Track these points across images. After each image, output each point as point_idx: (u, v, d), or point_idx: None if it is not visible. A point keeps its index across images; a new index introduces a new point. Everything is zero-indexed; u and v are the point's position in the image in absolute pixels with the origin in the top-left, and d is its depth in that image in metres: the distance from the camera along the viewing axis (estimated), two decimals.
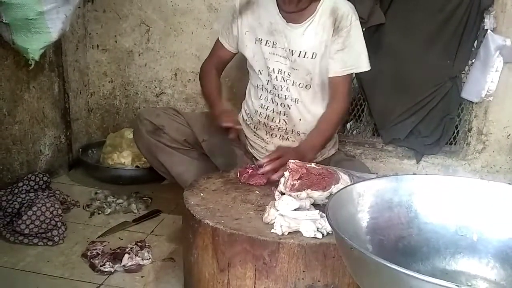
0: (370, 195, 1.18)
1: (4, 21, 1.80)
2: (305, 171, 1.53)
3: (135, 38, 2.77)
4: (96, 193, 2.39)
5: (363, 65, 1.94)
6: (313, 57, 1.90)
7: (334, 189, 1.49)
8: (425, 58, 2.44)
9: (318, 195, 1.50)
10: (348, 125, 2.79)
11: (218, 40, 2.10)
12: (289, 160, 1.58)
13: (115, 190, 2.41)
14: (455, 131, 2.63)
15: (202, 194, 1.56)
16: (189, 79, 2.77)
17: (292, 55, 1.92)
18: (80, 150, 2.73)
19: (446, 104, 2.49)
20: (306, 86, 1.95)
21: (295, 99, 1.97)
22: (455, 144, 2.66)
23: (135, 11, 2.73)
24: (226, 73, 2.26)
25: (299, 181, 1.51)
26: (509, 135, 2.50)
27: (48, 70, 2.50)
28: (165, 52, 2.76)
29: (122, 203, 2.28)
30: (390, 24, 2.42)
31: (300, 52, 1.91)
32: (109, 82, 2.88)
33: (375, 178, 1.26)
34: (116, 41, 2.81)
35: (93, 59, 2.85)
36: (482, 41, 2.38)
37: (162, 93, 2.84)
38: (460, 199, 1.21)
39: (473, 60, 2.43)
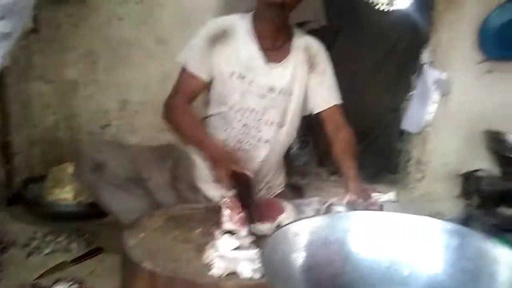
0: (306, 234, 1.20)
1: None
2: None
3: (80, 69, 2.75)
4: (35, 232, 2.30)
5: (339, 97, 1.99)
6: (290, 95, 1.91)
7: (280, 219, 1.52)
8: (367, 90, 2.54)
9: (267, 227, 1.52)
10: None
11: (185, 71, 1.90)
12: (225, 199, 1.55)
13: (56, 228, 2.32)
14: (397, 161, 2.72)
15: (142, 234, 1.53)
16: (137, 110, 2.75)
17: (271, 92, 1.89)
18: (21, 184, 2.64)
19: (386, 135, 2.60)
20: (281, 125, 1.94)
21: (265, 139, 1.94)
22: (397, 173, 2.75)
23: (81, 42, 2.71)
24: None
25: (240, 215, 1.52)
26: (447, 163, 2.61)
27: None
28: (112, 83, 2.74)
29: (61, 241, 2.20)
30: (335, 57, 2.50)
31: (280, 89, 1.89)
32: (52, 114, 2.82)
33: (310, 217, 1.28)
34: (60, 73, 2.77)
35: (36, 91, 2.79)
36: (420, 74, 2.50)
37: (108, 125, 2.80)
38: (392, 234, 1.25)
39: (412, 93, 2.55)
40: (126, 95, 2.75)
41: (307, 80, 1.92)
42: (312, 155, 2.83)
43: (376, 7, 2.51)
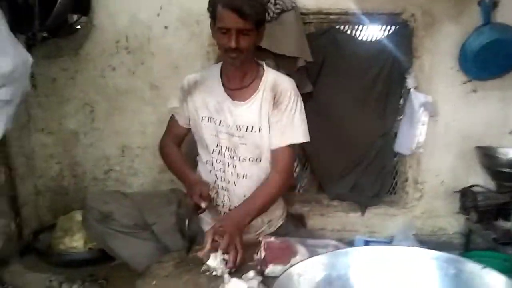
0: (310, 273, 1.26)
1: None
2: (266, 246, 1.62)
3: (80, 119, 2.83)
4: (50, 280, 2.33)
5: (301, 137, 1.98)
6: (259, 131, 1.97)
7: (293, 262, 1.57)
8: (357, 118, 2.62)
9: (280, 270, 1.57)
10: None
11: (172, 117, 2.16)
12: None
13: (70, 275, 2.37)
14: (394, 182, 2.80)
15: (154, 282, 1.60)
16: (136, 154, 2.83)
17: (239, 130, 1.97)
18: (31, 235, 2.69)
19: (381, 158, 2.67)
20: (256, 160, 2.01)
21: (244, 174, 2.01)
22: (395, 193, 2.82)
23: (78, 94, 2.79)
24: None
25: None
26: (443, 181, 2.68)
27: None
28: (111, 130, 2.82)
29: None
30: (323, 89, 2.60)
31: (247, 126, 1.97)
32: (56, 163, 2.90)
33: (313, 255, 1.34)
34: (60, 123, 2.85)
35: (38, 143, 2.87)
36: (407, 99, 2.59)
37: (111, 170, 2.87)
38: (392, 266, 1.30)
39: (401, 117, 2.64)
40: (125, 141, 2.82)
41: (271, 116, 1.97)
42: (311, 181, 2.90)
43: (358, 39, 2.60)
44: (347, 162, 2.70)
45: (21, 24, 2.42)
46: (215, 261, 1.62)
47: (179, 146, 2.20)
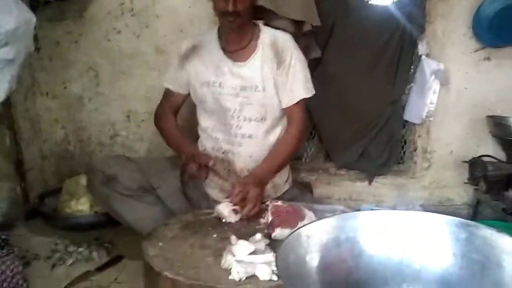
0: (318, 235, 1.24)
1: None
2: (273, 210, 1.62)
3: (84, 83, 2.79)
4: (56, 243, 2.36)
5: (308, 91, 2.04)
6: (264, 90, 2.00)
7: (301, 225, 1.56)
8: (366, 85, 2.57)
9: (287, 233, 1.56)
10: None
11: (166, 87, 2.18)
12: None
13: (75, 238, 2.39)
14: (402, 151, 2.77)
15: (160, 244, 1.59)
16: (142, 120, 2.80)
17: (244, 90, 2.00)
18: (37, 199, 2.70)
19: (390, 127, 2.63)
20: (261, 119, 2.03)
21: (249, 134, 2.04)
22: (403, 163, 2.79)
23: (82, 57, 2.75)
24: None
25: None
26: (452, 151, 2.65)
27: None
28: (116, 95, 2.79)
29: (82, 251, 2.26)
30: (332, 55, 2.55)
31: (250, 86, 1.99)
32: (61, 128, 2.88)
33: (321, 218, 1.33)
34: (65, 87, 2.82)
35: (43, 107, 2.85)
36: (418, 66, 2.53)
37: (116, 135, 2.85)
38: (401, 231, 1.29)
39: (412, 84, 2.59)
40: (130, 106, 2.79)
41: (276, 75, 2.00)
42: (318, 149, 2.87)
43: (369, 2, 2.53)
44: (355, 130, 2.65)
45: None
46: (225, 209, 1.70)
47: (175, 115, 2.21)
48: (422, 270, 1.26)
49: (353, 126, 2.64)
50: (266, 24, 2.22)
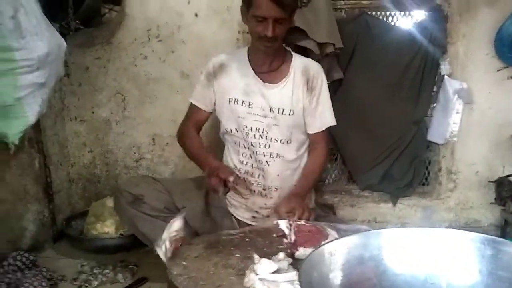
0: (341, 253, 1.24)
1: None
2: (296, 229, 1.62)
3: (112, 107, 2.87)
4: (82, 265, 2.39)
5: (333, 119, 2.12)
6: (291, 114, 2.04)
7: None
8: (389, 106, 2.58)
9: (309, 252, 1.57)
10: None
11: (192, 104, 2.21)
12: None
13: (101, 260, 2.42)
14: (426, 172, 2.74)
15: (184, 263, 1.61)
16: (167, 143, 2.85)
17: (272, 111, 2.03)
18: (64, 222, 2.75)
19: (413, 148, 2.62)
20: (287, 141, 2.07)
21: (276, 154, 2.07)
22: (427, 184, 2.77)
23: (110, 82, 2.83)
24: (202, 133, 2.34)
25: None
26: (477, 172, 2.61)
27: (28, 147, 2.55)
28: (142, 119, 2.85)
29: (108, 273, 2.29)
30: (354, 76, 2.57)
31: (279, 109, 2.04)
32: (88, 152, 2.95)
33: (345, 236, 1.32)
34: (93, 112, 2.89)
35: (71, 131, 2.92)
36: (441, 86, 2.53)
37: (142, 158, 2.91)
38: (426, 248, 1.27)
39: (435, 105, 2.58)
40: (156, 129, 2.85)
41: (304, 101, 2.05)
42: (341, 171, 2.87)
43: (390, 24, 2.55)
44: (378, 151, 2.65)
45: (55, 14, 2.48)
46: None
47: (198, 132, 2.24)
48: None
49: (376, 148, 2.64)
50: (293, 44, 2.29)
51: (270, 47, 1.97)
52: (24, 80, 1.90)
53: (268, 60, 2.05)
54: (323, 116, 2.08)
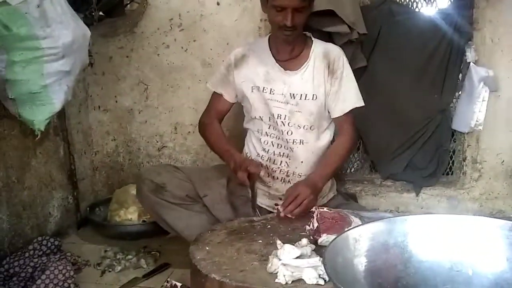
0: (366, 239, 1.24)
1: (10, 97, 1.91)
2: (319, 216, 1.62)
3: (134, 97, 2.89)
4: (105, 251, 2.43)
5: (360, 101, 2.09)
6: (314, 98, 2.04)
7: None
8: (413, 94, 2.54)
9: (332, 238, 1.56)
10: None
11: (214, 93, 2.23)
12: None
13: (124, 246, 2.46)
14: (450, 161, 2.70)
15: (207, 248, 1.62)
16: (189, 132, 2.86)
17: (294, 98, 2.04)
18: (88, 209, 2.80)
19: (438, 136, 2.58)
20: (310, 127, 2.08)
21: (300, 140, 2.08)
22: (451, 174, 2.72)
23: (133, 71, 2.85)
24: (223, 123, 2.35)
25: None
26: (503, 161, 2.56)
27: (53, 135, 2.60)
28: (164, 107, 2.87)
29: (131, 259, 2.33)
30: (377, 64, 2.54)
31: (301, 94, 2.04)
32: (112, 140, 2.98)
33: (369, 222, 1.32)
34: (116, 101, 2.92)
35: (95, 120, 2.96)
36: (466, 73, 2.48)
37: (164, 147, 2.93)
38: (452, 235, 1.26)
39: (460, 93, 2.53)
40: (178, 118, 2.86)
41: (327, 85, 2.05)
42: (364, 160, 2.84)
43: (415, 11, 2.51)
44: (401, 140, 2.61)
45: (79, 4, 2.51)
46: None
47: (220, 123, 2.26)
48: (474, 276, 1.23)
49: (400, 136, 2.60)
50: (319, 30, 2.27)
51: (290, 36, 1.97)
52: (50, 68, 1.93)
53: (288, 48, 2.06)
54: (346, 98, 2.06)
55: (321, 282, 1.34)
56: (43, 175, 2.53)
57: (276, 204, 2.06)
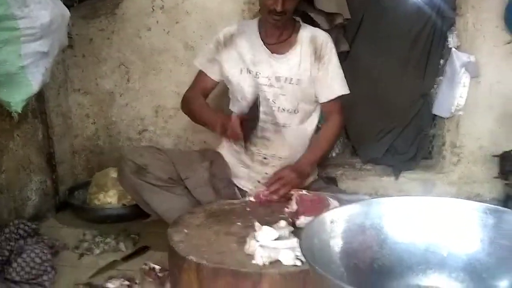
0: (342, 221, 1.24)
1: None
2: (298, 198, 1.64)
3: (115, 79, 2.85)
4: (84, 234, 2.41)
5: (346, 87, 2.11)
6: (298, 83, 2.04)
7: None
8: (395, 78, 2.55)
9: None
10: None
11: (200, 71, 2.20)
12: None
13: (103, 230, 2.43)
14: (430, 146, 2.73)
15: (186, 230, 1.62)
16: (170, 115, 2.84)
17: (278, 81, 2.04)
18: (67, 192, 2.77)
19: (419, 121, 2.60)
20: (294, 111, 2.08)
21: (283, 123, 2.08)
22: (431, 158, 2.75)
23: (114, 53, 2.81)
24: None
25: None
26: (482, 146, 2.60)
27: (31, 117, 2.55)
28: (145, 90, 2.84)
29: (110, 242, 2.31)
30: (360, 48, 2.54)
31: (286, 78, 2.04)
32: (92, 123, 2.94)
33: (346, 204, 1.32)
34: (97, 84, 2.88)
35: (75, 103, 2.92)
36: (448, 59, 2.50)
37: (145, 130, 2.90)
38: (427, 217, 1.27)
39: (441, 78, 2.55)
40: (159, 101, 2.84)
41: (313, 70, 2.05)
42: (344, 145, 2.86)
43: None
44: (383, 124, 2.63)
45: None
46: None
47: (205, 99, 2.22)
48: (448, 257, 1.24)
49: (381, 121, 2.62)
50: (304, 14, 2.26)
51: (279, 20, 1.97)
52: (27, 48, 1.88)
53: (277, 32, 2.06)
54: (333, 85, 2.07)
55: (298, 263, 1.34)
56: (21, 158, 2.49)
57: (256, 187, 2.07)
